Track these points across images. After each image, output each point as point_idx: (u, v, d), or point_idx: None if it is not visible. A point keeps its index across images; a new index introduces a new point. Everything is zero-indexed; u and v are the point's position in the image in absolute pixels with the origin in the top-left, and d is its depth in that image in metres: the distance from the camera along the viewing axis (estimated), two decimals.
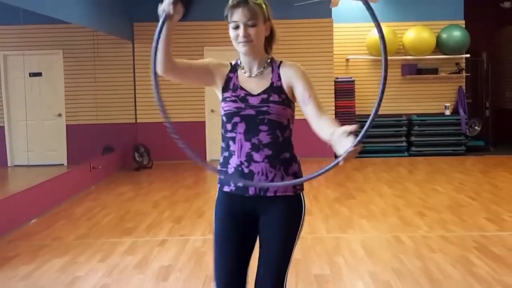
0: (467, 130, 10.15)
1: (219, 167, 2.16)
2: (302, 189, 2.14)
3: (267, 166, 2.05)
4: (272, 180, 2.06)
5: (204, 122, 9.80)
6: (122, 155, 9.10)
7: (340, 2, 8.12)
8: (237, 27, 2.04)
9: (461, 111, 9.95)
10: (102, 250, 4.52)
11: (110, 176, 8.26)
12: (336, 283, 3.68)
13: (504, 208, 5.71)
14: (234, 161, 2.08)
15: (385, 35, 1.65)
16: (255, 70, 2.12)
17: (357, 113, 9.75)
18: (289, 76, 2.08)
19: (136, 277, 3.88)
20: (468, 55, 10.13)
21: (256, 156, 2.05)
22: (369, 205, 6.01)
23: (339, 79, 9.79)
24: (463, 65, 10.24)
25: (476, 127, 10.44)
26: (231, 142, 2.09)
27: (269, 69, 2.12)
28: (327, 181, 7.56)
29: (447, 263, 3.98)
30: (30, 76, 6.64)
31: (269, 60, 2.14)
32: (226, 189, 2.14)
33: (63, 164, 7.33)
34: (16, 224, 5.28)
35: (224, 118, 2.11)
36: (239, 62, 2.16)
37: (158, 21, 1.91)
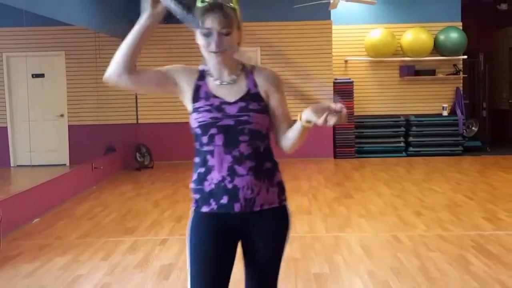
0: (464, 130, 10.20)
1: (192, 185, 1.97)
2: (286, 199, 2.02)
3: (252, 179, 1.89)
4: (258, 194, 1.92)
5: None
6: (123, 155, 9.13)
7: (338, 4, 8.18)
8: (208, 34, 1.84)
9: (458, 111, 10.00)
10: (103, 249, 4.56)
11: (111, 176, 8.29)
12: (335, 281, 3.73)
13: (501, 207, 5.76)
14: (214, 177, 1.90)
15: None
16: (226, 77, 1.94)
17: (355, 113, 9.80)
18: (265, 84, 1.94)
19: (137, 275, 3.91)
20: (465, 57, 10.17)
21: (239, 169, 1.89)
22: (368, 204, 6.05)
23: (338, 80, 9.84)
24: (460, 66, 10.28)
25: (473, 128, 10.49)
26: (209, 156, 1.91)
27: (242, 75, 1.95)
28: (326, 180, 7.62)
29: (444, 262, 4.02)
30: (32, 77, 6.69)
31: (241, 67, 1.97)
32: (205, 209, 1.94)
33: (65, 164, 7.37)
34: (19, 223, 5.32)
35: (199, 131, 1.91)
36: (206, 69, 1.97)
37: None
